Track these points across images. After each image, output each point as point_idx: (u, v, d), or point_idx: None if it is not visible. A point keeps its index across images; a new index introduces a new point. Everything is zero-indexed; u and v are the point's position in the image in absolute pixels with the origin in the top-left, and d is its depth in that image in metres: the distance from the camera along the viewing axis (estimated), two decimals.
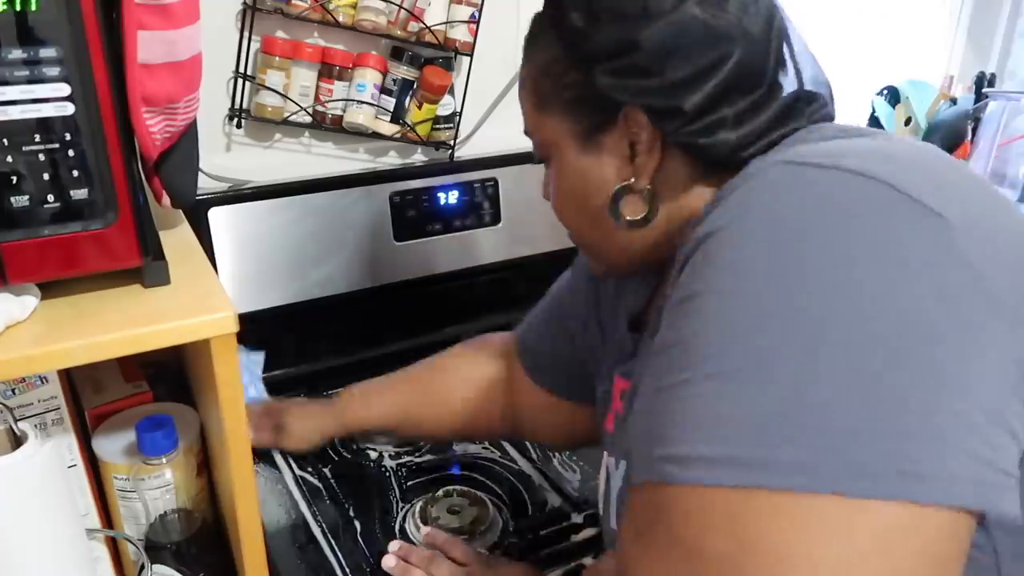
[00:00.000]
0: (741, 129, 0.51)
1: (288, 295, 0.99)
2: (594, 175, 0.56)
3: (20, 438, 0.54)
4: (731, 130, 0.51)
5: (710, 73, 0.50)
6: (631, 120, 0.52)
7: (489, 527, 0.77)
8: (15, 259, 0.49)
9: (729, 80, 0.50)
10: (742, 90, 0.50)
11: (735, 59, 0.50)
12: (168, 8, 0.49)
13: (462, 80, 1.06)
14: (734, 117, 0.50)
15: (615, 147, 0.54)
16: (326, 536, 0.77)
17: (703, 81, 0.50)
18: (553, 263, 1.20)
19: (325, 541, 0.77)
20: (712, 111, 0.50)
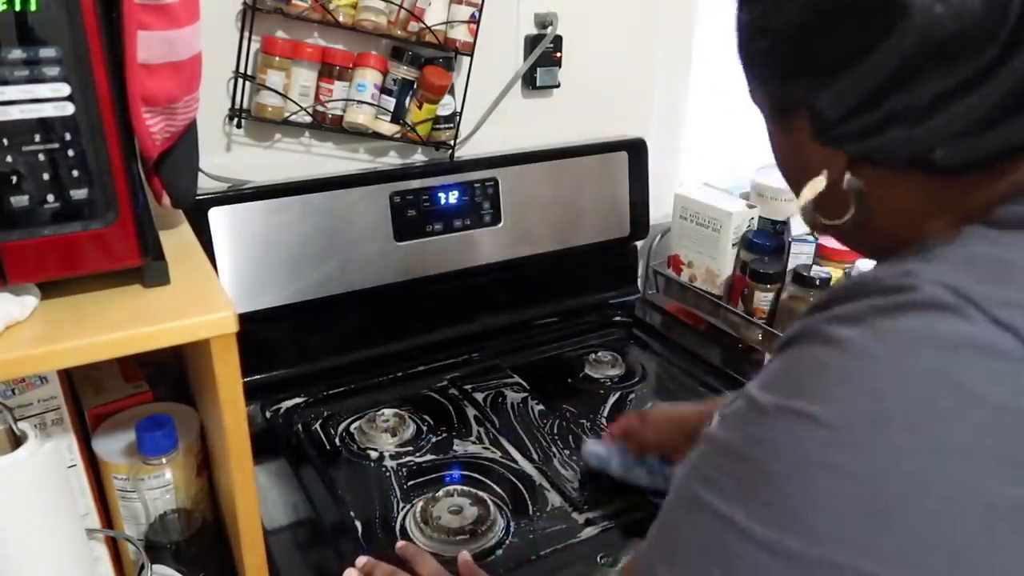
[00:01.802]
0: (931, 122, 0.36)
1: (288, 295, 0.99)
2: (791, 156, 0.46)
3: (20, 438, 0.54)
4: (907, 127, 0.37)
5: (858, 61, 0.36)
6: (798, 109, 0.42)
7: (489, 527, 0.77)
8: (15, 259, 0.49)
9: (902, 64, 0.35)
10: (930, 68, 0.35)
11: (911, 33, 0.34)
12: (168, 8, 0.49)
13: (462, 80, 1.06)
14: (921, 108, 0.36)
15: (803, 129, 0.43)
16: (326, 536, 0.77)
17: (846, 69, 0.37)
18: (553, 263, 1.21)
19: (325, 541, 0.77)
20: (873, 107, 0.37)
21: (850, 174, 0.42)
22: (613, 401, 1.03)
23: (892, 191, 0.41)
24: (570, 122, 1.21)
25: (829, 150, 0.42)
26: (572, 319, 1.23)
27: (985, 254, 0.35)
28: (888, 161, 0.39)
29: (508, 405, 1.01)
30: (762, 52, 0.43)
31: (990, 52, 0.34)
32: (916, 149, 0.37)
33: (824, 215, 0.44)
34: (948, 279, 0.33)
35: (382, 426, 0.94)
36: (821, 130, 0.41)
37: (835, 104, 0.39)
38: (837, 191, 0.42)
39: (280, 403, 0.99)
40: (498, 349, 1.14)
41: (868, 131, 0.38)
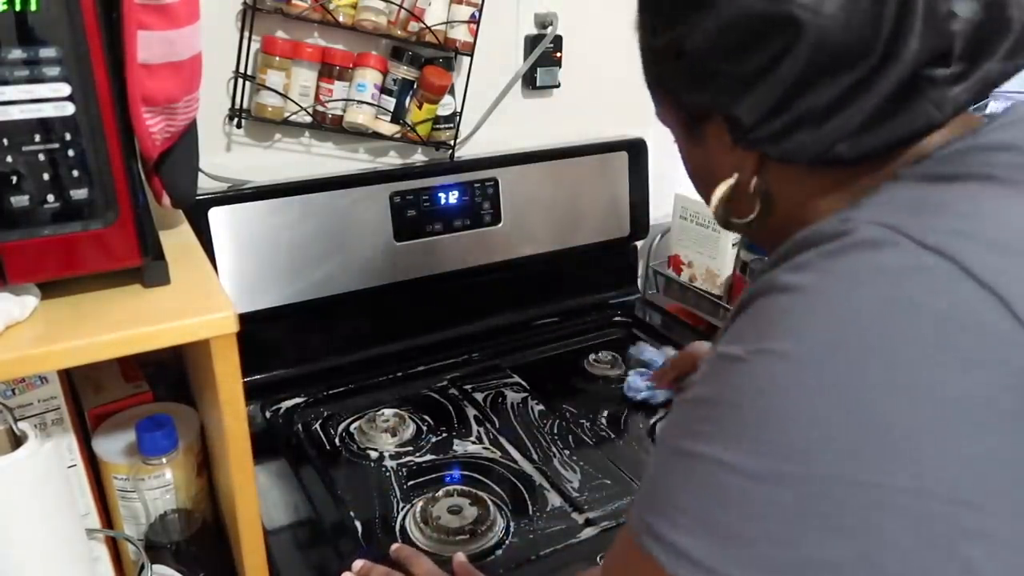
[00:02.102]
0: (830, 123, 0.42)
1: (288, 295, 0.99)
2: (702, 166, 0.51)
3: (20, 438, 0.54)
4: (812, 129, 0.42)
5: (770, 70, 0.42)
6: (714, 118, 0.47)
7: (489, 527, 0.77)
8: (15, 259, 0.49)
9: (803, 72, 0.41)
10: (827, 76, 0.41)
11: (807, 45, 0.40)
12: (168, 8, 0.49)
13: (462, 80, 1.06)
14: (821, 110, 0.42)
15: (719, 137, 0.47)
16: (326, 536, 0.77)
17: (761, 81, 0.42)
18: (553, 263, 1.21)
19: (325, 541, 0.77)
20: (781, 111, 0.42)
21: (757, 177, 0.47)
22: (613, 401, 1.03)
23: (793, 187, 0.47)
24: (570, 122, 1.21)
25: (740, 154, 0.47)
26: (572, 319, 1.23)
27: (904, 196, 0.40)
28: (797, 159, 0.44)
29: (508, 405, 1.01)
30: (677, 72, 0.47)
31: (871, 62, 0.40)
32: (820, 147, 0.42)
33: (735, 214, 0.50)
34: (878, 219, 0.38)
35: (382, 426, 0.94)
36: (738, 136, 0.45)
37: (751, 112, 0.43)
38: (745, 192, 0.48)
39: (280, 403, 0.99)
40: (498, 349, 1.14)
41: (780, 134, 0.43)
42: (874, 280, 0.36)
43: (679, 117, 0.50)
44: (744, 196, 0.48)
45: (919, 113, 0.41)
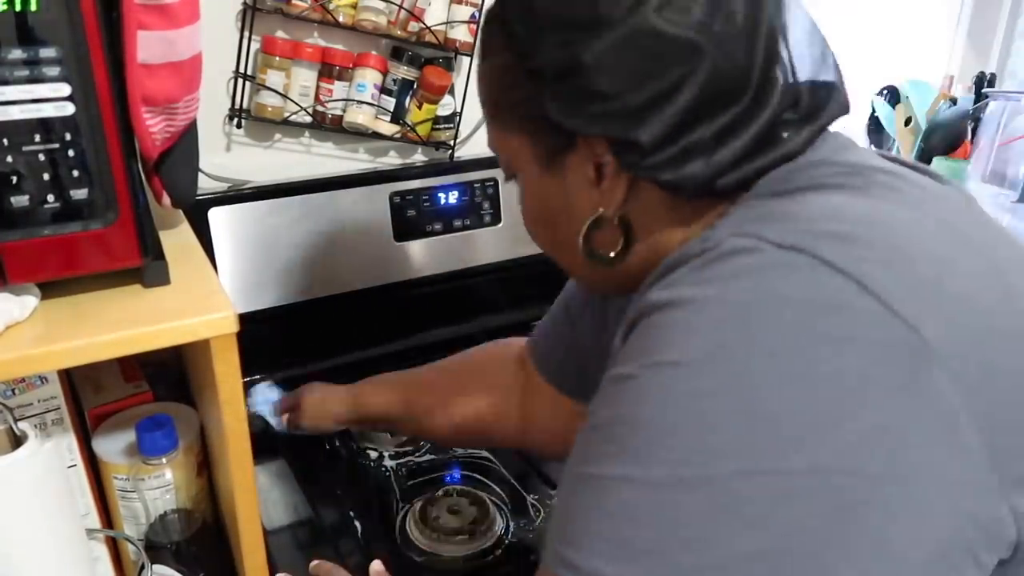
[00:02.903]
0: (718, 154, 0.44)
1: (288, 295, 0.99)
2: (559, 201, 0.51)
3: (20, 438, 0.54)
4: (704, 158, 0.44)
5: (672, 95, 0.42)
6: (593, 144, 0.46)
7: (489, 527, 0.77)
8: (15, 259, 0.49)
9: (698, 100, 0.43)
10: (717, 107, 0.43)
11: (704, 74, 0.42)
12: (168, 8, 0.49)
13: (462, 80, 1.06)
14: (709, 140, 0.43)
15: (579, 170, 0.48)
16: (326, 536, 0.77)
17: (663, 106, 0.43)
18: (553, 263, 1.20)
19: (325, 541, 0.77)
20: (678, 139, 0.43)
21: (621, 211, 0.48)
22: None
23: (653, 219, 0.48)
24: None
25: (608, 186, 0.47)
26: None
27: (753, 212, 0.43)
28: (686, 187, 0.45)
29: None
30: (557, 95, 0.45)
31: (748, 97, 0.43)
32: (708, 177, 0.44)
33: (600, 248, 0.50)
34: (737, 230, 0.40)
35: None
36: (630, 162, 0.45)
37: (649, 137, 0.43)
38: (609, 225, 0.49)
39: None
40: None
41: (675, 161, 0.44)
42: (743, 282, 0.38)
43: (534, 148, 0.49)
44: (607, 229, 0.49)
45: (778, 150, 0.45)
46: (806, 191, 0.43)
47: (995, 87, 1.54)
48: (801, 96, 0.45)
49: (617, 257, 0.50)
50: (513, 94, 0.49)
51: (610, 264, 0.50)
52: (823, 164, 0.45)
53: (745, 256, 0.39)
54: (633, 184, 0.47)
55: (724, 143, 0.44)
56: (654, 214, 0.48)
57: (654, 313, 0.40)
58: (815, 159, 0.45)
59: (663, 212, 0.48)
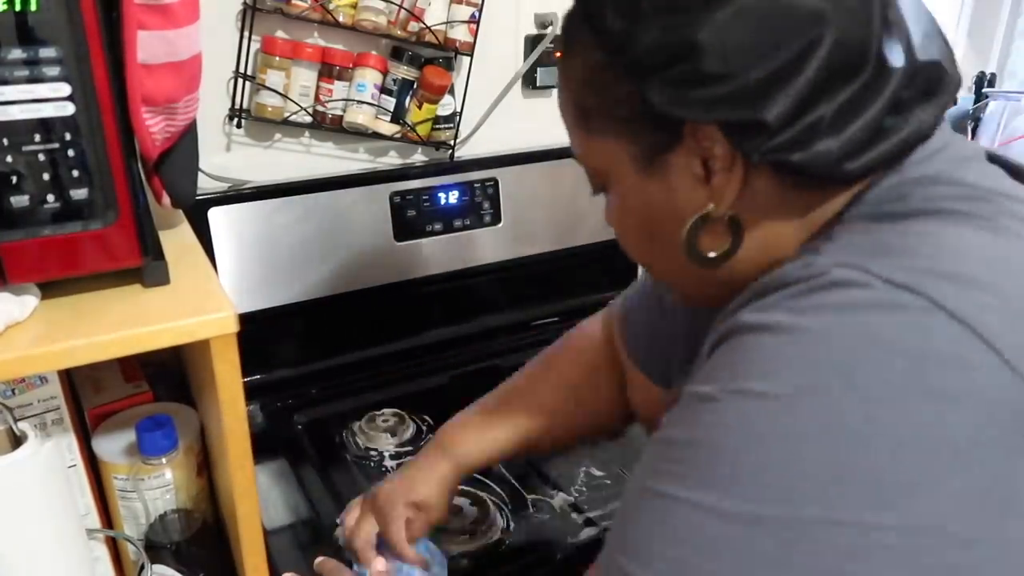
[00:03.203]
0: (846, 131, 0.40)
1: (288, 295, 0.99)
2: (662, 204, 0.46)
3: (20, 438, 0.54)
4: (831, 135, 0.40)
5: (797, 68, 0.39)
6: (701, 136, 0.42)
7: (489, 527, 0.77)
8: (15, 259, 0.49)
9: (823, 71, 0.39)
10: (840, 80, 0.39)
11: (829, 41, 0.38)
12: (168, 8, 0.49)
13: (462, 80, 1.06)
14: (833, 116, 0.40)
15: (685, 168, 0.44)
16: (326, 536, 0.77)
17: (788, 80, 0.39)
18: (553, 263, 1.21)
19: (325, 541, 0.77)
20: (804, 115, 0.39)
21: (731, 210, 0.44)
22: None
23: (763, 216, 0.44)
24: None
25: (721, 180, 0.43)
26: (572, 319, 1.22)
27: (861, 240, 0.40)
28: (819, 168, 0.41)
29: None
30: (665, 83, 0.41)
31: (870, 69, 0.39)
32: (839, 156, 0.40)
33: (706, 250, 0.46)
34: (844, 260, 0.37)
35: (382, 426, 0.94)
36: (753, 146, 0.41)
37: (775, 116, 0.39)
38: (717, 224, 0.45)
39: (280, 403, 0.99)
40: (498, 349, 1.14)
41: (801, 141, 0.40)
42: (848, 318, 0.35)
43: (635, 150, 0.46)
44: (715, 228, 0.45)
45: (911, 125, 0.41)
46: (919, 217, 0.40)
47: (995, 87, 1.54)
48: (917, 71, 0.41)
49: (722, 257, 0.46)
50: (607, 94, 0.45)
51: (715, 265, 0.46)
52: (941, 182, 0.41)
53: (852, 290, 0.36)
54: (747, 175, 0.43)
55: (851, 118, 0.40)
56: (765, 208, 0.44)
57: (745, 334, 0.38)
58: (931, 173, 0.41)
59: (775, 206, 0.44)
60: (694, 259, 0.47)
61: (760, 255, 0.45)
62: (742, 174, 0.43)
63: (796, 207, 0.44)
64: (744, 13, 0.39)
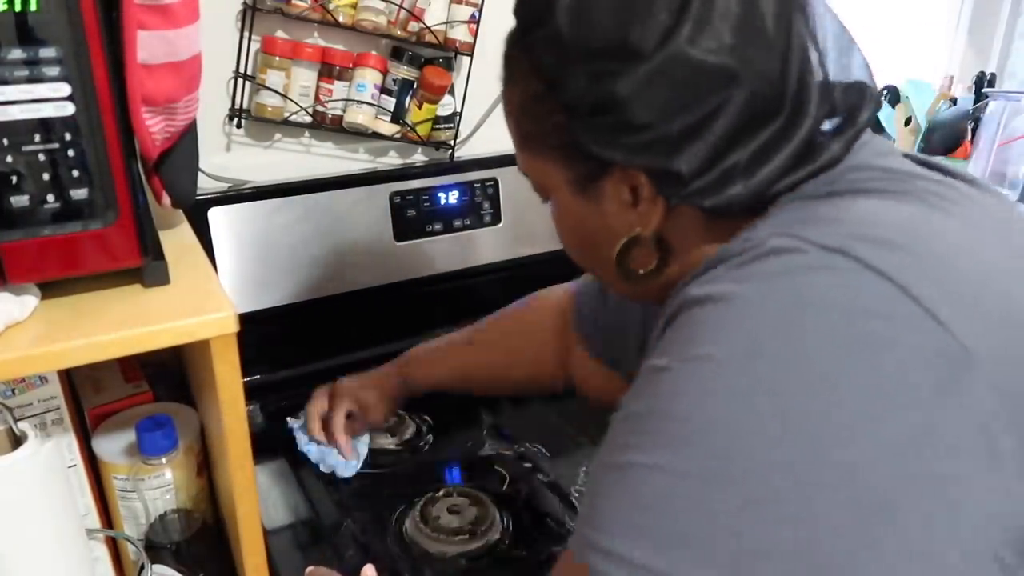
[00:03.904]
0: (758, 174, 0.44)
1: (288, 295, 0.99)
2: (594, 223, 0.51)
3: (20, 438, 0.54)
4: (743, 179, 0.44)
5: (709, 123, 0.42)
6: (626, 174, 0.46)
7: (489, 527, 0.77)
8: (15, 259, 0.49)
9: (736, 124, 0.43)
10: (755, 128, 0.43)
11: (741, 97, 0.42)
12: (168, 8, 0.49)
13: (462, 80, 1.06)
14: (747, 162, 0.43)
15: (614, 194, 0.48)
16: (326, 536, 0.77)
17: (701, 134, 0.43)
18: (553, 263, 1.20)
19: (325, 541, 0.77)
20: (716, 164, 0.43)
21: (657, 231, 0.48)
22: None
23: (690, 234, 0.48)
24: None
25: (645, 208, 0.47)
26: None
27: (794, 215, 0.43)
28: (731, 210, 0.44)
29: (508, 404, 1.01)
30: (592, 127, 0.45)
31: (785, 110, 0.43)
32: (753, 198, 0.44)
33: (635, 266, 0.50)
34: (779, 230, 0.40)
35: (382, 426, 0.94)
36: (669, 191, 0.45)
37: (688, 165, 0.43)
38: (645, 244, 0.49)
39: (280, 403, 0.99)
40: None
41: (713, 187, 0.44)
42: (784, 281, 0.38)
43: (568, 174, 0.49)
44: (643, 248, 0.49)
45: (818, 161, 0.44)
46: (846, 195, 0.43)
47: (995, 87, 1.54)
48: (836, 101, 0.45)
49: (652, 274, 0.50)
50: (544, 123, 0.48)
51: (645, 281, 0.51)
52: (863, 168, 0.45)
53: (787, 256, 0.39)
54: (669, 207, 0.47)
55: (763, 162, 0.43)
56: (691, 232, 0.48)
57: (693, 307, 0.40)
58: (854, 163, 0.45)
59: (700, 230, 0.48)
60: (625, 276, 0.51)
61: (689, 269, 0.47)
62: (664, 204, 0.47)
63: (720, 231, 0.47)
64: (659, 73, 0.42)
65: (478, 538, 0.76)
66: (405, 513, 0.80)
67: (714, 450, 0.36)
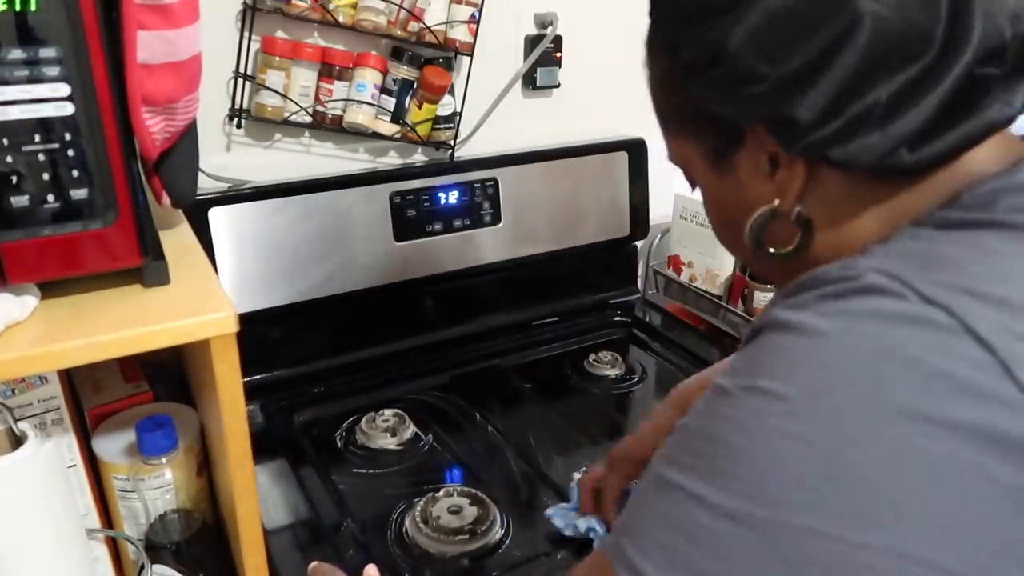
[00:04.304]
0: (896, 123, 0.38)
1: (288, 295, 0.99)
2: (733, 198, 0.47)
3: (20, 438, 0.54)
4: (878, 129, 0.38)
5: (828, 61, 0.38)
6: (756, 135, 0.43)
7: (489, 527, 0.77)
8: (15, 259, 0.49)
9: (862, 63, 0.37)
10: (888, 69, 0.37)
11: (866, 30, 0.37)
12: (168, 8, 0.49)
13: (462, 80, 1.06)
14: (884, 108, 0.38)
15: (752, 165, 0.45)
16: (326, 536, 0.77)
17: (817, 76, 0.38)
18: (553, 263, 1.21)
19: (325, 541, 0.77)
20: (842, 109, 0.39)
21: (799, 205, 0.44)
22: (613, 401, 1.03)
23: (833, 211, 0.44)
24: (570, 122, 1.21)
25: (783, 176, 0.43)
26: (572, 319, 1.23)
27: (913, 247, 0.38)
28: (861, 162, 0.40)
29: (508, 405, 1.01)
30: (711, 84, 0.43)
31: (930, 56, 0.37)
32: (885, 149, 0.39)
33: (771, 244, 0.46)
34: (883, 267, 0.36)
35: (382, 426, 0.94)
36: (792, 142, 0.41)
37: (808, 112, 0.39)
38: (785, 220, 0.45)
39: (280, 403, 0.99)
40: (498, 349, 1.14)
41: (842, 134, 0.39)
42: (870, 326, 0.35)
43: (704, 149, 0.47)
44: (782, 225, 0.45)
45: (981, 115, 0.38)
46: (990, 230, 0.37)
47: None
48: (1006, 47, 0.37)
49: (792, 254, 0.45)
50: (675, 97, 0.47)
51: (785, 262, 0.46)
52: None
53: (881, 298, 0.35)
54: (811, 171, 0.42)
55: (903, 109, 0.38)
56: (836, 204, 0.43)
57: (774, 332, 0.38)
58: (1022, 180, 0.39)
59: (845, 201, 0.43)
60: (760, 254, 0.47)
61: (833, 253, 0.44)
62: (804, 170, 0.42)
63: (869, 202, 0.42)
64: (772, 12, 0.39)
65: (478, 538, 0.76)
66: (405, 513, 0.80)
67: (752, 493, 0.35)
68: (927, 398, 0.32)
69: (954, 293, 0.34)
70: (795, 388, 0.35)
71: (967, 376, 0.32)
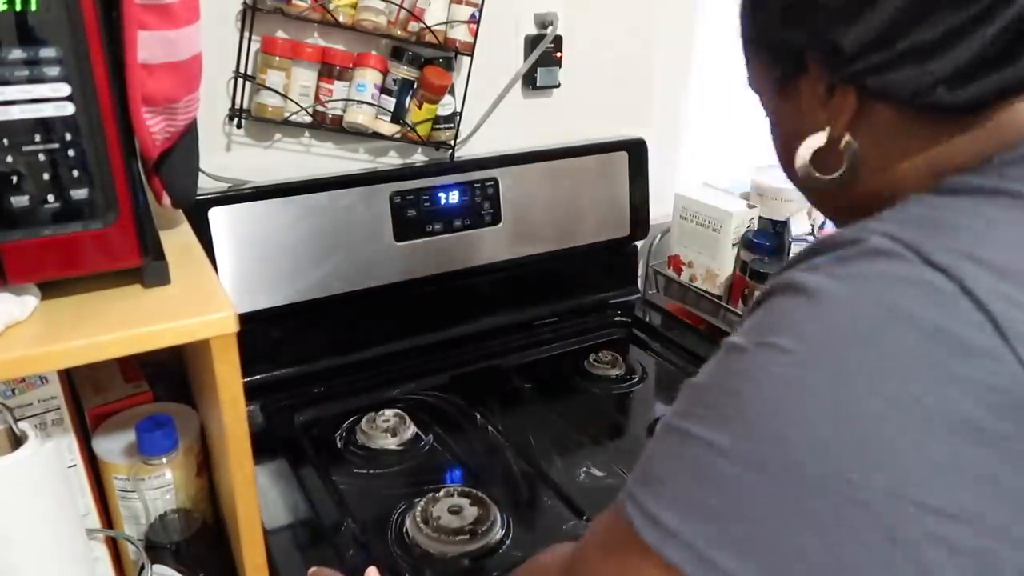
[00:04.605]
0: (936, 61, 0.39)
1: (288, 295, 0.99)
2: (795, 124, 0.49)
3: (20, 438, 0.54)
4: (918, 65, 0.40)
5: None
6: (816, 63, 0.45)
7: (489, 527, 0.77)
8: (15, 259, 0.49)
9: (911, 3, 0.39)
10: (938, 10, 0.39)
11: None
12: (168, 8, 0.49)
13: (462, 80, 1.06)
14: (934, 43, 0.39)
15: (812, 92, 0.47)
16: (326, 536, 0.77)
17: (868, 7, 0.40)
18: (553, 263, 1.21)
19: (325, 541, 0.77)
20: (893, 42, 0.40)
21: (849, 135, 0.46)
22: (613, 401, 1.03)
23: (881, 145, 0.45)
24: (570, 122, 1.21)
25: (835, 104, 0.45)
26: (572, 319, 1.23)
27: (920, 213, 0.40)
28: (897, 94, 0.42)
29: (508, 405, 1.01)
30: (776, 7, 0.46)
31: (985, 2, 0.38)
32: (922, 85, 0.40)
33: (821, 171, 0.48)
34: (890, 232, 0.38)
35: (382, 426, 0.94)
36: (837, 67, 0.43)
37: (854, 42, 0.41)
38: (834, 148, 0.47)
39: (280, 403, 0.99)
40: (498, 349, 1.14)
41: (882, 66, 0.41)
42: (877, 287, 0.37)
43: (772, 74, 0.50)
44: (832, 153, 0.47)
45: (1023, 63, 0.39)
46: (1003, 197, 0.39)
47: None
48: None
49: (839, 182, 0.47)
50: (748, 22, 0.50)
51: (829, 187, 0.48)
52: None
53: (887, 261, 0.37)
54: (862, 104, 0.44)
55: (954, 43, 0.39)
56: (883, 142, 0.45)
57: (786, 293, 0.40)
58: None
59: (892, 136, 0.45)
60: (808, 179, 0.49)
61: (877, 188, 0.46)
62: (856, 101, 0.44)
63: (914, 146, 0.44)
64: None
65: (478, 538, 0.76)
66: (405, 513, 0.80)
67: (766, 439, 0.36)
68: (922, 353, 0.34)
69: (956, 257, 0.36)
70: (804, 344, 0.37)
71: (963, 333, 0.34)
